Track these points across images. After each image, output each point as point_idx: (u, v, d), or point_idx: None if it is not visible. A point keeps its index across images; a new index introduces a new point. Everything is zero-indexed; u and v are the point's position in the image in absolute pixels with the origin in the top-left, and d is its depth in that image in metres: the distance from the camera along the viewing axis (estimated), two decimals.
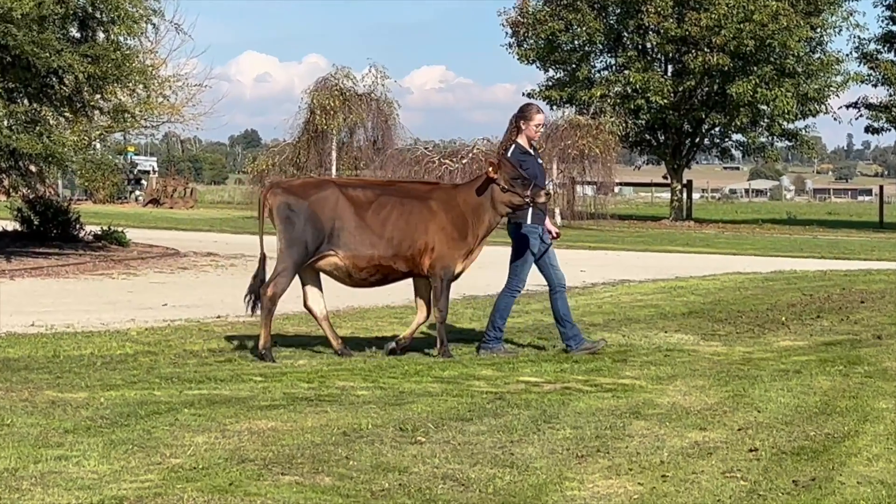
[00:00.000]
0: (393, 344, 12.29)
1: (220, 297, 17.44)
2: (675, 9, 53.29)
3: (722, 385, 10.69)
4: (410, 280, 12.34)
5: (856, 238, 45.06)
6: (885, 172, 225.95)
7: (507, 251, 12.72)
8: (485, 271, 23.24)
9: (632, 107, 54.48)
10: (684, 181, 58.68)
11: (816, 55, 56.56)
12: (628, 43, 56.29)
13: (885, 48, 57.10)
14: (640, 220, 55.45)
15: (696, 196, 73.40)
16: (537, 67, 57.92)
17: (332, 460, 7.58)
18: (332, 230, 11.77)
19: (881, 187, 72.76)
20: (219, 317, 15.08)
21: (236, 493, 6.78)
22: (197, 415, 8.75)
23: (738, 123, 55.54)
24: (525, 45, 56.98)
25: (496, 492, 7.03)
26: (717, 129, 58.45)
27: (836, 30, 56.75)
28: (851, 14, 56.89)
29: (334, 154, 47.03)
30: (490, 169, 12.01)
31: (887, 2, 56.02)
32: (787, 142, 60.32)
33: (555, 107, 55.05)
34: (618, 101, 54.46)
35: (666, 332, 14.49)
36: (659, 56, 56.78)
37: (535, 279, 13.04)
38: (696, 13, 52.28)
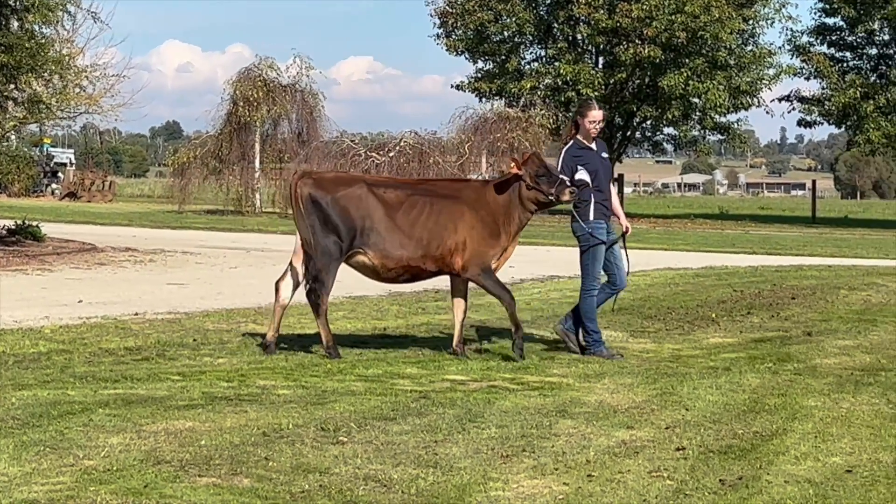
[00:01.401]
0: (451, 349, 12.05)
1: (138, 293, 17.18)
2: (605, 0, 53.33)
3: (650, 383, 10.58)
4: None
5: (788, 233, 45.30)
6: (819, 167, 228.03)
7: None
8: None
9: (562, 99, 54.49)
10: (616, 175, 58.74)
11: (749, 48, 56.85)
12: (559, 34, 56.27)
13: (818, 41, 57.46)
14: (566, 216, 55.48)
15: (628, 190, 73.73)
16: (466, 59, 57.85)
17: (251, 461, 7.39)
18: (361, 228, 11.64)
19: (814, 182, 73.38)
20: (136, 314, 14.79)
21: (151, 495, 6.59)
22: (112, 415, 8.52)
23: (670, 116, 55.70)
24: (454, 36, 56.79)
25: (419, 492, 6.88)
26: (648, 122, 58.62)
27: (769, 22, 57.16)
28: (784, 6, 57.33)
29: (258, 146, 46.69)
30: (513, 165, 11.84)
31: None
32: (719, 135, 60.60)
33: (484, 99, 55.07)
34: (548, 93, 54.50)
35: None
36: (590, 48, 56.80)
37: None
38: (627, 4, 52.32)
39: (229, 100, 46.88)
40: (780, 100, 58.51)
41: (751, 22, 55.77)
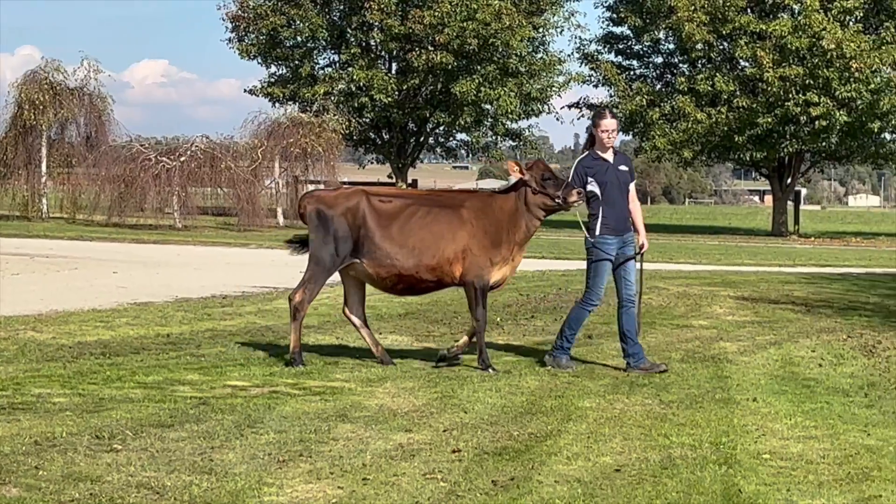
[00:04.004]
0: (444, 351, 12.07)
1: None
2: (398, 6, 53.59)
3: (431, 386, 10.69)
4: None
5: (577, 238, 45.78)
6: None
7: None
8: (199, 273, 23.00)
9: (356, 105, 54.59)
10: (409, 181, 59.00)
11: (539, 55, 57.66)
12: (352, 40, 56.31)
13: (606, 49, 58.54)
14: None
15: None
16: (259, 63, 57.49)
17: (21, 470, 7.28)
18: (357, 239, 11.68)
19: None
20: None
21: None
22: None
23: (463, 123, 56.15)
24: (246, 41, 56.36)
25: (192, 499, 6.85)
26: (441, 128, 58.96)
27: (558, 30, 58.05)
28: (573, 14, 58.39)
29: (45, 150, 45.63)
30: (517, 169, 11.74)
31: (607, 3, 57.44)
32: (511, 141, 61.29)
33: (277, 104, 54.70)
34: (342, 98, 54.53)
35: (381, 333, 14.38)
36: (383, 53, 56.97)
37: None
38: (419, 11, 52.64)
39: (14, 103, 45.69)
40: (569, 107, 59.44)
41: (541, 30, 56.62)
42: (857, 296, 20.70)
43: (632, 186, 12.19)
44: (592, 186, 11.89)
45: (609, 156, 12.07)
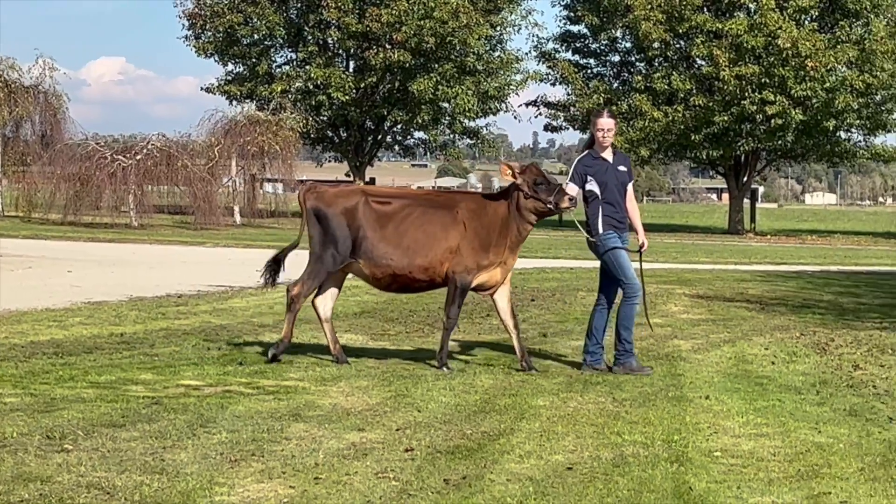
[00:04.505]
0: (521, 365, 11.82)
1: None
2: (355, 4, 53.53)
3: (385, 385, 10.68)
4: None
5: (535, 236, 45.93)
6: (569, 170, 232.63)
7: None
8: (154, 271, 22.91)
9: (313, 103, 54.52)
10: (367, 178, 58.92)
11: (496, 53, 57.74)
12: (309, 38, 56.19)
13: (563, 47, 58.70)
14: None
15: None
16: (216, 61, 57.27)
17: None
18: (356, 239, 11.72)
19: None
20: None
21: None
22: None
23: (420, 121, 56.12)
24: (203, 38, 56.15)
25: (142, 499, 6.83)
26: (399, 126, 58.93)
27: (516, 28, 58.11)
28: (530, 13, 58.53)
29: None
30: (510, 172, 11.67)
31: (564, 2, 57.57)
32: (469, 140, 61.31)
33: (234, 102, 54.59)
34: (299, 96, 54.43)
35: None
36: (340, 52, 56.89)
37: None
38: (376, 9, 52.57)
39: None
40: (527, 105, 59.54)
41: (498, 28, 56.69)
42: (811, 294, 20.84)
43: (629, 187, 12.16)
44: (592, 186, 11.89)
45: (608, 155, 12.07)
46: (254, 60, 55.67)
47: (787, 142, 52.36)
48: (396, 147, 62.73)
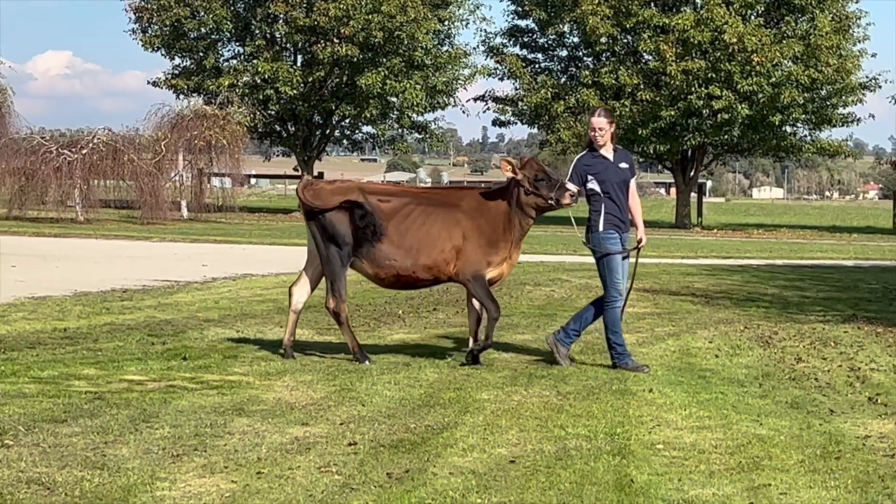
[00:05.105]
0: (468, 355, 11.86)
1: None
2: None
3: (330, 379, 10.67)
4: None
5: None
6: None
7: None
8: (99, 266, 22.78)
9: (261, 97, 54.35)
10: (316, 173, 58.79)
11: (444, 48, 57.75)
12: (257, 32, 55.98)
13: (511, 42, 58.82)
14: (271, 213, 55.37)
15: None
16: (163, 55, 56.95)
17: None
18: (356, 238, 11.60)
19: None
20: None
21: None
22: None
23: (368, 115, 56.06)
24: (150, 32, 55.85)
25: (83, 495, 6.79)
26: (347, 120, 58.86)
27: (464, 23, 58.23)
28: (478, 8, 58.53)
29: None
30: (510, 169, 11.57)
31: None
32: (417, 134, 61.29)
33: (182, 96, 54.33)
34: (246, 91, 54.23)
35: (281, 326, 14.31)
36: (288, 46, 56.71)
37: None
38: (324, 3, 52.46)
39: None
40: (475, 99, 59.65)
41: (446, 23, 56.73)
42: (756, 287, 20.99)
43: (632, 183, 12.06)
44: (593, 185, 11.77)
45: (609, 153, 11.94)
46: (201, 54, 55.44)
47: (733, 136, 52.74)
48: (345, 141, 62.63)
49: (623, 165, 11.96)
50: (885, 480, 7.53)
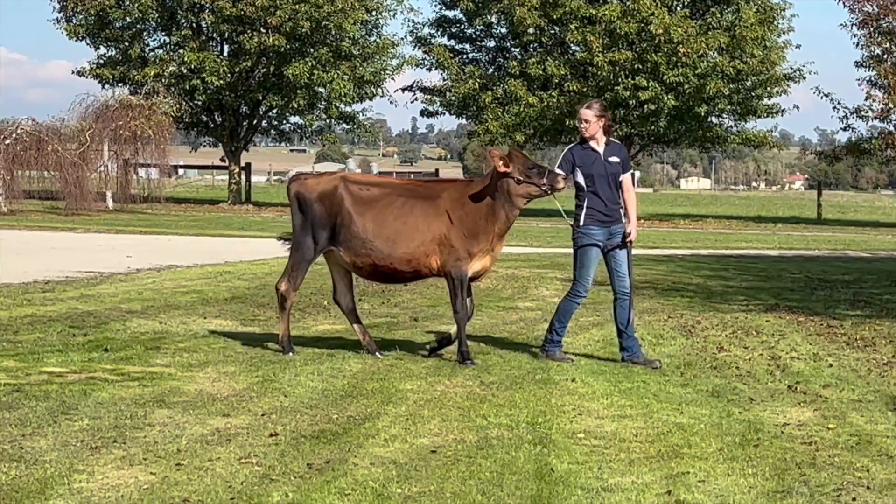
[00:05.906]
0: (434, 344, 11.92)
1: None
2: None
3: (253, 370, 10.65)
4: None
5: None
6: (449, 156, 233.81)
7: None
8: (22, 257, 22.55)
9: (187, 87, 53.91)
10: (243, 164, 58.47)
11: (372, 38, 57.51)
12: (183, 21, 55.50)
13: (439, 33, 58.74)
14: (198, 204, 54.96)
15: (260, 179, 73.33)
16: (88, 44, 56.34)
17: None
18: (334, 227, 11.59)
19: (437, 170, 75.14)
20: None
21: None
22: None
23: (296, 105, 55.77)
24: (74, 21, 55.21)
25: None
26: (274, 111, 58.56)
27: (391, 13, 57.95)
28: None
29: None
30: (501, 163, 11.41)
31: None
32: (345, 125, 61.08)
33: (107, 86, 53.82)
34: (172, 81, 53.78)
35: (205, 317, 14.32)
36: (214, 36, 56.28)
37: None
38: None
39: None
40: (403, 90, 59.48)
41: (374, 13, 56.50)
42: (680, 277, 21.12)
43: (626, 177, 11.91)
44: (578, 177, 11.68)
45: (599, 146, 11.85)
46: (126, 44, 54.86)
47: (659, 127, 52.99)
48: (272, 132, 62.22)
49: (613, 159, 11.83)
50: (802, 468, 7.61)
